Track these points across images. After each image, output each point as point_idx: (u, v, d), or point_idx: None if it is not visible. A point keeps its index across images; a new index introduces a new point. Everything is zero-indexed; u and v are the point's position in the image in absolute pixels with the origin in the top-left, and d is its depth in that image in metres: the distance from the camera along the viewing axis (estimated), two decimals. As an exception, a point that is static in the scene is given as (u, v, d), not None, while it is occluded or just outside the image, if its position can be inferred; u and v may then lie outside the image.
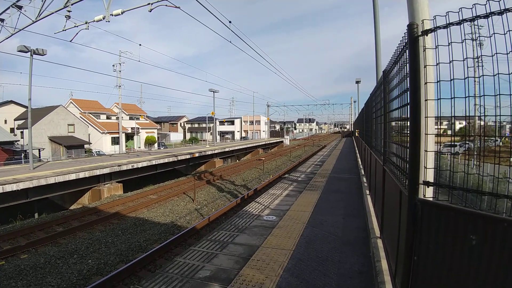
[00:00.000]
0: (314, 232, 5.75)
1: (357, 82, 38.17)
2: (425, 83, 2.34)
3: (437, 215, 2.15)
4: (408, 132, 2.47)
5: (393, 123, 3.66)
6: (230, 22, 11.90)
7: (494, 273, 1.66)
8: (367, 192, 8.16)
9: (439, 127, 2.67)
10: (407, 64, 2.46)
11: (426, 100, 2.33)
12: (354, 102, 55.68)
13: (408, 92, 2.41)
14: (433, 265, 2.15)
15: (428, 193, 2.50)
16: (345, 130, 73.25)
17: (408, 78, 2.45)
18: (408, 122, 2.46)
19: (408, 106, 2.43)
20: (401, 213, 2.80)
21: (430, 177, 2.53)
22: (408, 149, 2.48)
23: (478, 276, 1.76)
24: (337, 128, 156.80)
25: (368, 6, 10.93)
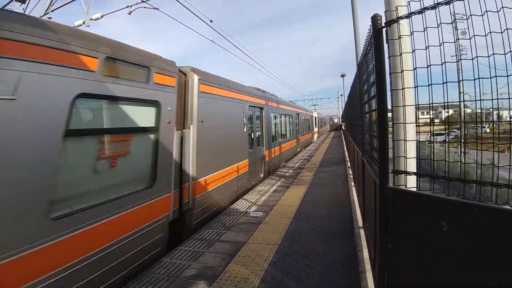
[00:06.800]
0: (300, 225, 5.81)
1: (342, 76, 38.63)
2: (402, 71, 2.36)
3: (407, 203, 2.19)
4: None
5: (368, 114, 3.73)
6: (211, 21, 11.81)
7: (465, 258, 1.68)
8: (352, 184, 8.27)
9: (417, 117, 2.71)
10: (373, 57, 2.51)
11: (403, 88, 2.36)
12: (341, 96, 56.13)
13: (375, 84, 2.45)
14: (406, 252, 2.19)
15: (411, 182, 2.54)
16: (333, 123, 73.58)
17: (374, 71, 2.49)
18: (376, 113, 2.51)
19: (375, 98, 2.47)
20: (376, 202, 2.86)
21: (411, 167, 2.59)
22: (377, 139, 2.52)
23: (450, 261, 1.78)
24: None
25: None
